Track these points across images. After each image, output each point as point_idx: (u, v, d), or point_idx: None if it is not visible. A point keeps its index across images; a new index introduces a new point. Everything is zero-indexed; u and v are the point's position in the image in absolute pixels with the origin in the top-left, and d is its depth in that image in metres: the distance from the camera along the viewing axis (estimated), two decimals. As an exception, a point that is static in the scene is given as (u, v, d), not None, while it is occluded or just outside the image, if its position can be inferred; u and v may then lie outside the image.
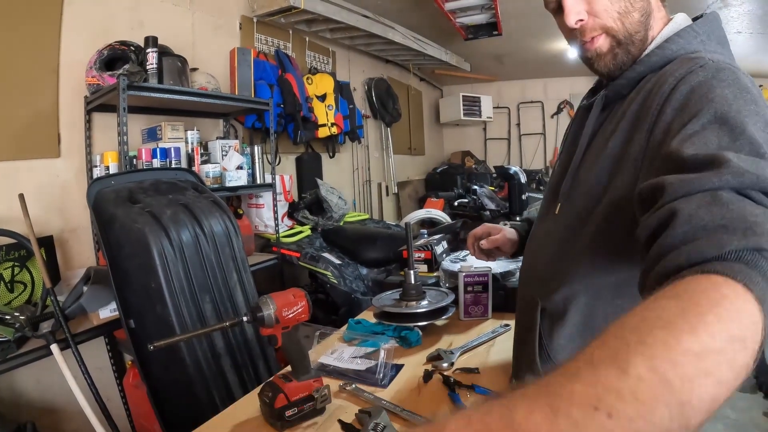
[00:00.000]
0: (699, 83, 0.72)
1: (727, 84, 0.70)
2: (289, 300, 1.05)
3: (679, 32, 0.86)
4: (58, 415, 2.34)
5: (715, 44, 0.84)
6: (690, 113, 0.69)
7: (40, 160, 2.42)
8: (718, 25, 0.87)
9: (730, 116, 0.64)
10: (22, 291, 2.27)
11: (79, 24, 2.54)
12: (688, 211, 0.54)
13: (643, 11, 0.87)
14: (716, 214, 0.52)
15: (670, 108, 0.74)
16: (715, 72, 0.72)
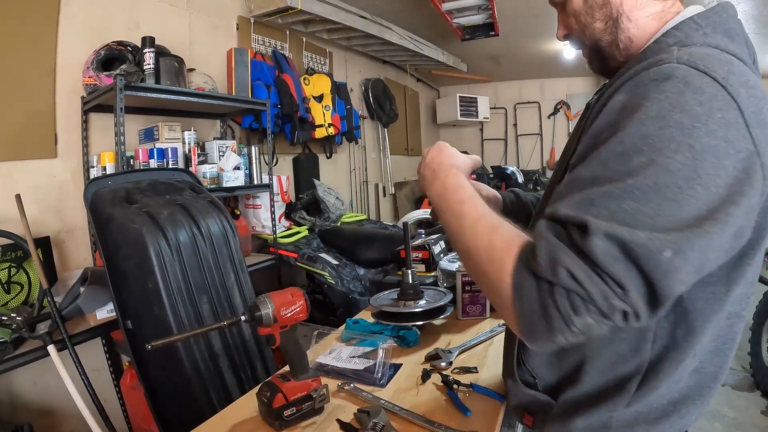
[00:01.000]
0: (634, 92, 0.71)
1: (659, 101, 0.67)
2: (287, 299, 1.05)
3: (677, 25, 0.82)
4: (56, 417, 2.33)
5: (721, 37, 0.78)
6: (605, 133, 0.71)
7: (36, 161, 2.42)
8: (729, 15, 0.82)
9: (621, 167, 0.66)
10: (19, 292, 2.26)
11: (76, 24, 2.53)
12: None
13: (606, 19, 0.89)
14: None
15: (597, 122, 0.75)
16: (663, 78, 0.69)
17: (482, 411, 1.13)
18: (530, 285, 0.66)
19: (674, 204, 0.62)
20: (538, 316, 0.66)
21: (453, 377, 1.26)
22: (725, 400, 3.25)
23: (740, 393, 3.34)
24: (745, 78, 0.70)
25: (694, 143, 0.63)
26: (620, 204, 0.63)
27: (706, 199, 0.63)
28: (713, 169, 0.63)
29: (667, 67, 0.70)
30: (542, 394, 0.93)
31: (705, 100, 0.65)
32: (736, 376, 3.56)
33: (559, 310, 0.64)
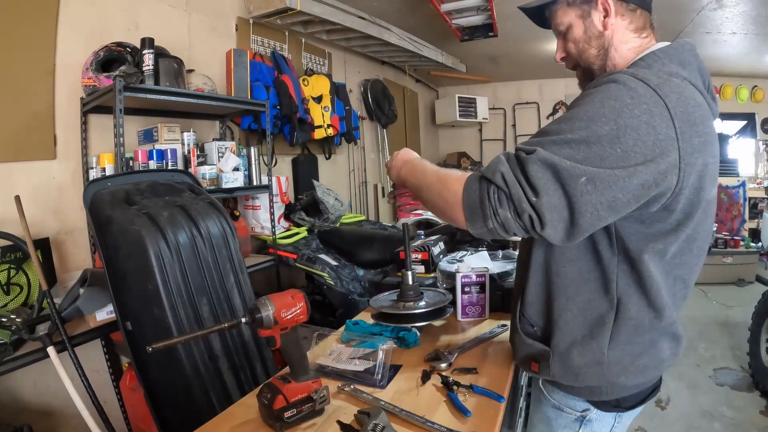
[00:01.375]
0: (589, 90, 0.98)
1: (603, 93, 0.95)
2: (287, 301, 1.06)
3: (643, 57, 1.09)
4: (55, 418, 2.33)
5: (675, 65, 1.04)
6: (562, 117, 0.98)
7: (36, 162, 2.41)
8: (684, 50, 1.07)
9: (564, 125, 0.94)
10: (18, 293, 2.26)
11: (75, 25, 2.53)
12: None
13: (599, 48, 1.16)
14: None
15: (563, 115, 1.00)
16: (610, 81, 0.96)
17: (482, 412, 1.14)
18: (475, 183, 0.97)
19: (596, 157, 0.89)
20: (477, 206, 0.96)
21: (453, 378, 1.26)
22: (724, 399, 3.26)
23: (739, 393, 3.35)
24: (680, 90, 0.95)
25: (619, 120, 0.90)
26: (560, 148, 0.90)
27: (621, 158, 0.89)
28: (632, 141, 0.89)
29: (615, 74, 0.98)
30: (541, 343, 1.16)
31: (635, 95, 0.92)
32: (735, 376, 3.58)
33: (490, 201, 0.93)
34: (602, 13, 1.13)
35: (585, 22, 1.16)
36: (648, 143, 0.89)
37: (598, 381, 1.10)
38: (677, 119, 0.91)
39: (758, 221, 6.64)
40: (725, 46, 5.65)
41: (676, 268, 1.06)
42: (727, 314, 4.90)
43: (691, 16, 4.67)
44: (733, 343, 4.13)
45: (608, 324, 1.05)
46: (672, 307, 1.07)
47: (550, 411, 1.23)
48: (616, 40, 1.13)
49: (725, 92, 7.46)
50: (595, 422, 1.17)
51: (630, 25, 1.13)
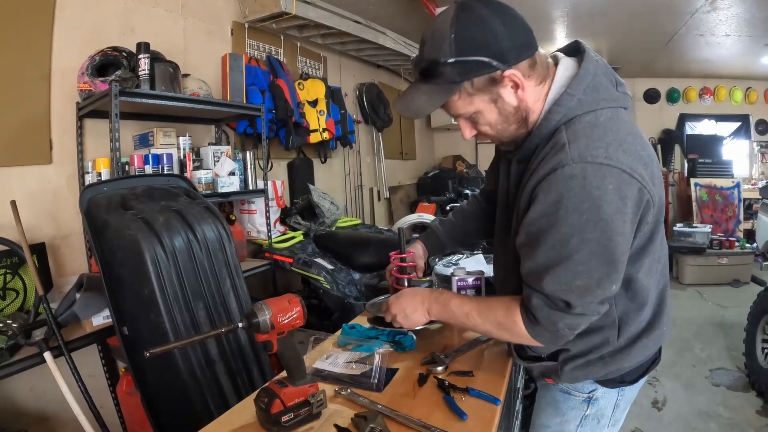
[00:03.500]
0: (553, 194, 0.99)
1: (571, 198, 0.97)
2: (284, 306, 1.06)
3: (558, 101, 1.06)
4: (52, 423, 2.32)
5: (591, 94, 1.05)
6: (544, 226, 1.02)
7: (31, 167, 2.41)
8: (590, 74, 1.06)
9: (566, 249, 1.01)
10: (15, 298, 2.26)
11: (70, 30, 2.53)
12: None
13: (518, 120, 1.11)
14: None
15: (534, 212, 1.03)
16: (568, 178, 0.97)
17: (478, 414, 1.14)
18: (541, 330, 1.10)
19: (604, 259, 1.00)
20: (554, 339, 1.12)
21: (449, 381, 1.27)
22: (721, 400, 3.27)
23: (735, 393, 3.36)
24: (620, 139, 1.00)
25: (602, 215, 0.97)
26: (575, 280, 1.01)
27: (620, 241, 1.00)
28: (620, 221, 0.99)
29: (568, 169, 0.97)
30: (549, 361, 1.24)
31: (598, 182, 0.96)
32: (731, 376, 3.59)
33: (564, 333, 1.09)
34: (512, 87, 1.05)
35: (497, 105, 1.08)
36: (629, 212, 1.00)
37: (606, 371, 1.21)
38: (634, 170, 0.99)
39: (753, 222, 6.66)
40: (719, 48, 5.69)
41: (657, 264, 1.18)
42: (723, 315, 4.91)
43: (684, 19, 4.70)
44: (729, 344, 4.14)
45: (612, 341, 1.17)
46: (660, 301, 1.22)
47: (558, 395, 1.32)
48: (530, 103, 1.08)
49: (719, 94, 7.50)
50: (601, 399, 1.28)
51: (536, 80, 1.08)
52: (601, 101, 1.05)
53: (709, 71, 7.01)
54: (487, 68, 1.01)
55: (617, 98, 1.08)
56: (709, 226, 6.27)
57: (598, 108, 1.04)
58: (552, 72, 1.10)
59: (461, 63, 1.00)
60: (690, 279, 5.98)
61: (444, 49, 1.01)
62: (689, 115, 7.65)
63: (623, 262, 1.03)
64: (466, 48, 1.00)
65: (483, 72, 1.02)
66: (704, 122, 7.71)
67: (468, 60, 1.00)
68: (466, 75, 1.02)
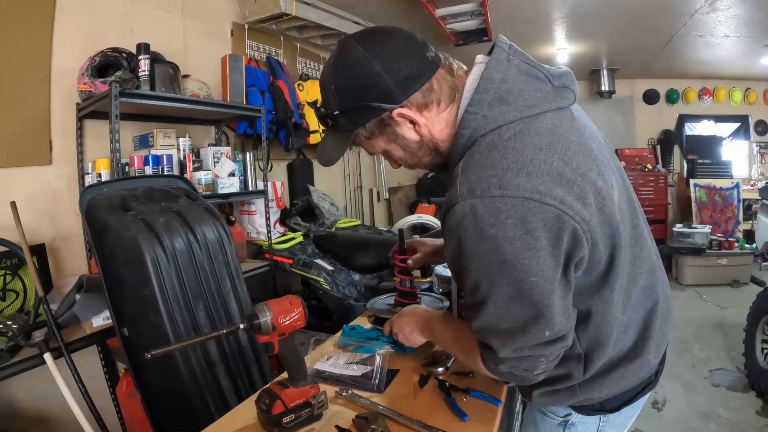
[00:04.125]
0: (452, 236, 0.91)
1: (467, 241, 0.88)
2: (285, 307, 1.06)
3: (461, 123, 0.96)
4: (51, 424, 2.32)
5: (498, 107, 0.93)
6: (458, 268, 0.94)
7: (31, 168, 2.41)
8: (500, 79, 0.95)
9: (480, 295, 0.92)
10: (14, 299, 2.26)
11: (70, 31, 2.53)
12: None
13: (429, 151, 1.05)
14: None
15: (446, 253, 0.96)
16: (462, 217, 0.87)
17: (479, 415, 1.14)
18: (498, 371, 0.99)
19: (524, 305, 0.88)
20: (520, 380, 1.00)
21: (450, 382, 1.27)
22: (720, 400, 3.27)
23: (735, 393, 3.36)
24: (521, 157, 0.87)
25: (506, 257, 0.85)
26: (498, 328, 0.92)
27: (538, 283, 0.86)
28: (532, 259, 0.85)
29: (457, 207, 0.88)
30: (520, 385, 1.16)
31: (493, 221, 0.85)
32: (730, 377, 3.59)
33: (522, 376, 0.97)
34: (408, 124, 1.00)
35: (398, 142, 1.04)
36: (542, 248, 0.86)
37: (574, 400, 1.10)
38: (546, 197, 0.85)
39: (752, 223, 6.66)
40: (718, 49, 5.69)
41: (632, 286, 1.04)
42: (722, 315, 4.91)
43: (684, 20, 4.70)
44: (729, 344, 4.15)
45: (577, 376, 1.04)
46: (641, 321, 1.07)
47: (537, 415, 1.23)
48: (436, 133, 1.01)
49: (718, 95, 7.51)
50: (579, 425, 1.15)
51: (438, 106, 0.99)
52: (510, 113, 0.93)
53: (709, 72, 7.01)
54: (374, 112, 0.97)
55: (542, 101, 0.95)
56: (709, 226, 6.27)
57: (505, 123, 0.92)
58: (461, 86, 0.99)
59: (346, 113, 0.98)
60: (689, 280, 5.98)
61: (330, 102, 1.00)
62: (688, 115, 7.64)
63: (551, 305, 0.88)
64: (346, 98, 0.97)
65: (371, 117, 0.98)
66: (703, 123, 7.70)
67: (352, 108, 0.97)
68: (356, 123, 1.00)
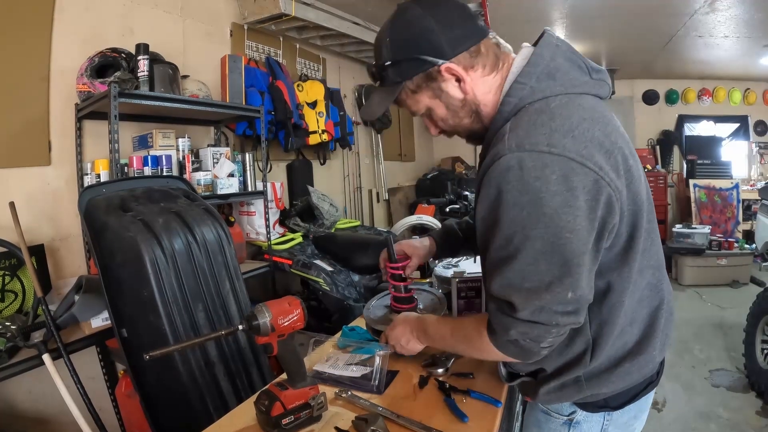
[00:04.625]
0: (493, 188, 0.93)
1: (510, 191, 0.90)
2: (284, 308, 1.06)
3: (509, 91, 1.02)
4: (50, 426, 2.32)
5: (545, 81, 0.99)
6: (491, 223, 0.96)
7: (30, 168, 2.41)
8: (543, 57, 1.01)
9: (511, 248, 0.93)
10: (13, 300, 2.25)
11: (69, 31, 2.53)
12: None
13: (470, 113, 1.09)
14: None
15: (480, 209, 0.99)
16: (506, 169, 0.91)
17: (479, 416, 1.14)
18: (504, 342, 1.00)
19: (555, 258, 0.90)
20: (522, 353, 1.00)
21: (449, 383, 1.27)
22: (720, 401, 3.27)
23: (735, 394, 3.36)
24: (570, 126, 0.92)
25: (546, 210, 0.88)
26: (524, 281, 0.92)
27: (572, 240, 0.89)
28: (570, 215, 0.89)
29: (504, 159, 0.91)
30: (527, 377, 1.17)
31: (539, 174, 0.88)
32: (730, 377, 3.59)
33: (527, 346, 0.98)
34: (454, 80, 1.05)
35: (442, 99, 1.08)
36: (581, 207, 0.89)
37: (581, 394, 1.10)
38: (587, 161, 0.90)
39: (752, 223, 6.66)
40: (717, 49, 5.69)
41: (642, 275, 1.06)
42: (722, 316, 4.91)
43: (683, 20, 4.71)
44: (728, 345, 4.15)
45: (585, 362, 1.05)
46: (647, 316, 1.09)
47: (540, 415, 1.23)
48: (479, 95, 1.06)
49: (718, 95, 7.51)
50: (584, 423, 1.16)
51: (483, 69, 1.05)
52: (556, 87, 0.99)
53: (708, 72, 7.01)
54: (422, 65, 1.03)
55: (584, 84, 1.01)
56: (708, 227, 6.27)
57: (551, 95, 0.98)
58: (509, 61, 1.06)
59: (397, 64, 1.04)
60: (689, 280, 5.98)
61: (383, 54, 1.06)
62: (688, 116, 7.65)
63: (580, 265, 0.91)
64: (399, 49, 1.04)
65: (419, 70, 1.04)
66: (703, 123, 7.71)
67: (402, 60, 1.04)
68: (404, 74, 1.05)
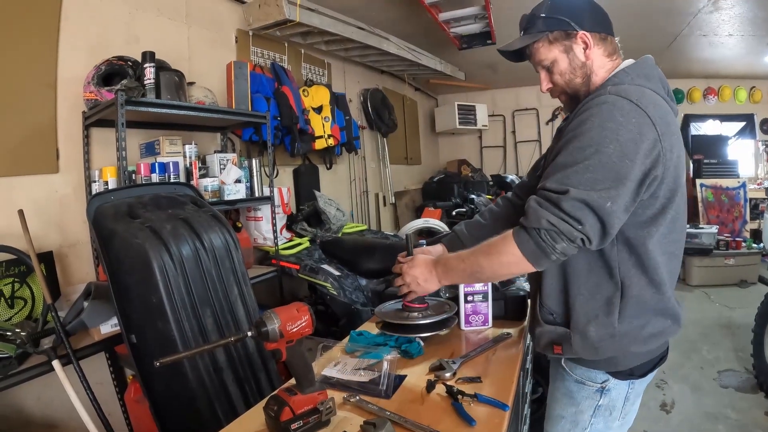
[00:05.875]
0: (586, 113, 1.19)
1: (599, 116, 1.16)
2: (293, 314, 1.06)
3: (617, 73, 1.32)
4: (60, 431, 2.33)
5: (641, 78, 1.28)
6: (572, 136, 1.19)
7: (38, 176, 2.43)
8: (646, 66, 1.33)
9: (582, 155, 1.15)
10: (23, 307, 2.27)
11: (76, 39, 2.56)
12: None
13: (583, 76, 1.36)
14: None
15: (567, 130, 1.23)
16: (600, 103, 1.18)
17: (487, 420, 1.14)
18: (525, 235, 1.19)
19: (612, 172, 1.12)
20: (537, 251, 1.17)
21: (457, 387, 1.27)
22: (729, 402, 3.25)
23: (744, 395, 3.34)
24: (654, 100, 1.21)
25: (619, 137, 1.13)
26: (583, 176, 1.12)
27: (629, 168, 1.13)
28: (632, 151, 1.13)
29: (602, 97, 1.20)
30: (560, 326, 1.33)
31: (624, 113, 1.15)
32: (739, 377, 3.57)
33: (545, 242, 1.15)
34: (583, 46, 1.34)
35: (569, 56, 1.35)
36: (642, 149, 1.14)
37: (614, 351, 1.27)
38: (657, 124, 1.16)
39: (759, 222, 6.64)
40: (722, 48, 5.68)
41: (669, 246, 1.27)
42: (730, 316, 4.88)
43: (687, 20, 4.70)
44: (737, 345, 4.12)
45: (616, 303, 1.25)
46: (669, 283, 1.28)
47: (573, 385, 1.40)
48: (595, 66, 1.35)
49: (723, 94, 7.49)
50: (613, 390, 1.35)
51: (604, 51, 1.35)
52: (648, 85, 1.26)
53: (713, 71, 6.99)
54: (566, 26, 1.32)
55: (665, 96, 1.28)
56: (716, 226, 6.23)
57: (645, 87, 1.24)
58: (620, 58, 1.38)
59: (549, 18, 1.34)
60: (697, 280, 5.95)
61: (542, 8, 1.36)
62: (694, 115, 7.62)
63: (627, 188, 1.13)
64: (555, 9, 1.34)
65: (562, 28, 1.33)
66: (709, 122, 7.68)
67: (554, 17, 1.33)
68: (551, 27, 1.34)
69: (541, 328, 1.38)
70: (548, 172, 1.20)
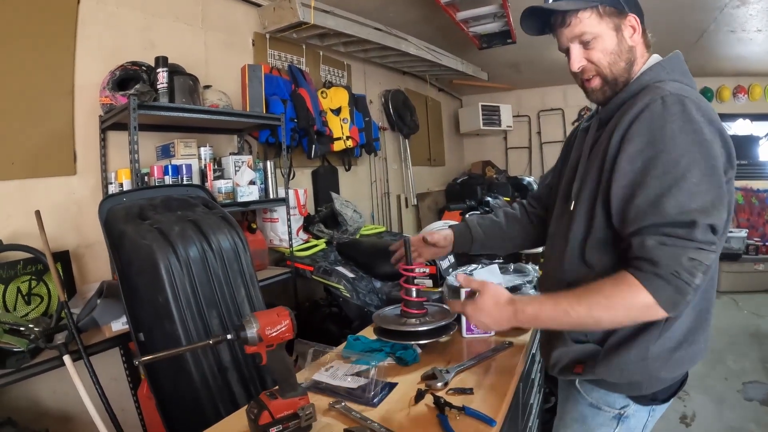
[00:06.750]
0: (656, 128, 1.06)
1: (673, 123, 1.05)
2: (272, 319, 1.07)
3: (651, 67, 1.22)
4: (73, 424, 2.39)
5: (678, 74, 1.20)
6: (649, 156, 1.06)
7: (56, 178, 2.49)
8: (680, 61, 1.24)
9: (679, 170, 1.03)
10: (39, 303, 2.34)
11: (92, 46, 2.61)
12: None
13: (627, 61, 1.23)
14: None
15: (632, 149, 1.09)
16: (663, 111, 1.06)
17: (469, 435, 1.12)
18: (661, 282, 1.01)
19: (715, 178, 1.04)
20: (675, 296, 1.01)
21: (445, 399, 1.24)
22: (752, 416, 3.15)
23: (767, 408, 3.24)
24: (702, 98, 1.11)
25: (706, 136, 1.04)
26: (692, 201, 1.01)
27: (720, 164, 1.05)
28: (717, 147, 1.06)
29: (667, 98, 1.07)
30: (593, 344, 1.22)
31: (697, 110, 1.06)
32: (765, 390, 3.46)
33: (687, 283, 1.00)
34: (631, 29, 1.23)
35: (618, 35, 1.22)
36: (720, 158, 1.06)
37: (641, 376, 1.18)
38: (715, 124, 1.08)
39: (793, 227, 6.43)
40: (751, 44, 5.48)
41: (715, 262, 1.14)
42: (758, 324, 4.74)
43: (713, 15, 4.56)
44: (765, 356, 4.00)
45: (659, 324, 1.13)
46: (702, 310, 1.20)
47: (587, 409, 1.30)
48: (638, 52, 1.24)
49: (753, 92, 7.22)
50: (632, 418, 1.25)
51: (644, 41, 1.26)
52: (683, 80, 1.18)
53: (743, 69, 6.75)
54: (620, 5, 1.20)
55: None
56: (745, 230, 6.07)
57: (684, 84, 1.16)
58: (650, 52, 1.27)
59: None
60: (725, 286, 5.78)
61: None
62: (723, 114, 7.35)
63: (725, 195, 1.05)
64: None
65: (614, 4, 1.20)
66: (739, 122, 7.44)
67: None
68: (604, 0, 1.20)
69: (566, 348, 1.25)
70: (644, 205, 1.05)
